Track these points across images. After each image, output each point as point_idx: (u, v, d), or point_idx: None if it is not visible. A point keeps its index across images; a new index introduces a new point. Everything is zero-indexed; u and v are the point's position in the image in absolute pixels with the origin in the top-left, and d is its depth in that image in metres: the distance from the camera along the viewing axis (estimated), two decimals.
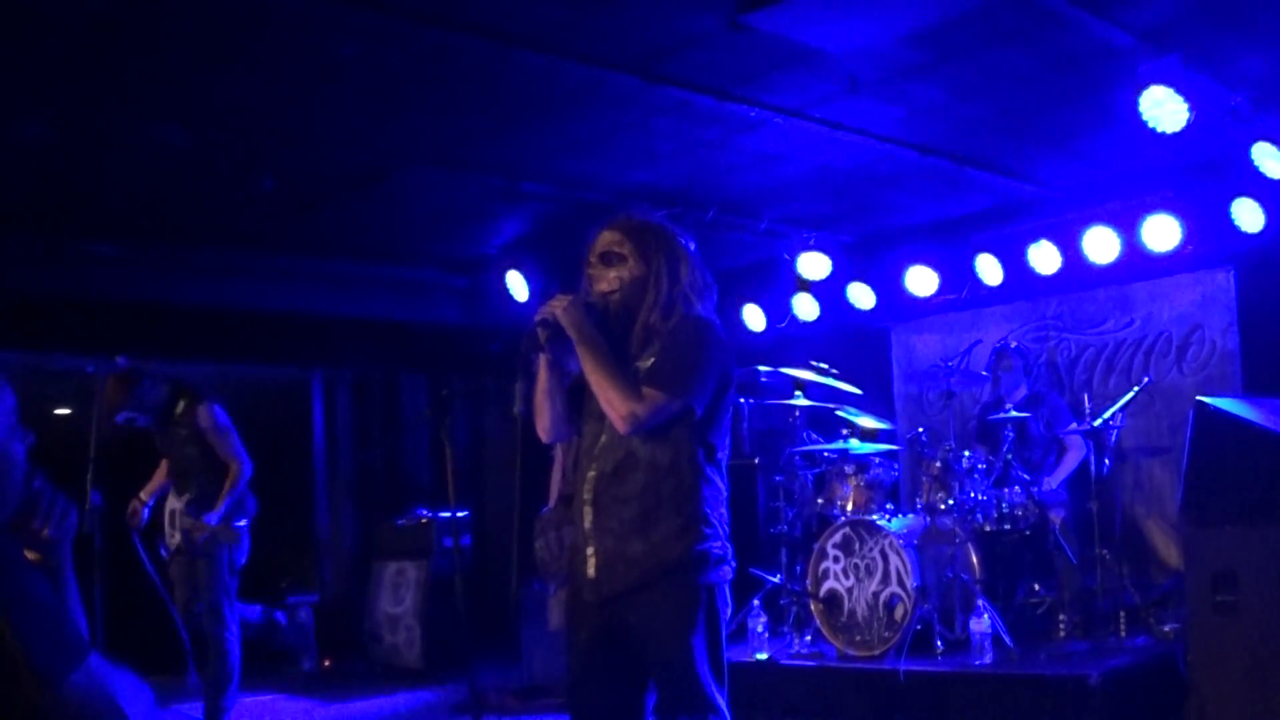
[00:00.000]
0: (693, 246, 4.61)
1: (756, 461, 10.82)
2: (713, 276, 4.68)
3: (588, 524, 4.43)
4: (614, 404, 4.31)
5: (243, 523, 8.59)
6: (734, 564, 4.46)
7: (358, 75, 7.27)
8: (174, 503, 8.60)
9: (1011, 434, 9.02)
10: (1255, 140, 8.26)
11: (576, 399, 4.57)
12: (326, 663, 12.20)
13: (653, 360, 4.39)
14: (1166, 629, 8.37)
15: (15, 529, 2.91)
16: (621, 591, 4.33)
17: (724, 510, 4.46)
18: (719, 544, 4.36)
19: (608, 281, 4.51)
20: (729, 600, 4.42)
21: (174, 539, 8.55)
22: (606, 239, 4.56)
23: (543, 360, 4.53)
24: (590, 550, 4.41)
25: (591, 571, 4.41)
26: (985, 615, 7.90)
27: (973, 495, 8.73)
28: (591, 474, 4.45)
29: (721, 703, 4.31)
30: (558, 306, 4.40)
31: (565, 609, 4.66)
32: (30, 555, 2.88)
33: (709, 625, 4.29)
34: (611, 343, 4.45)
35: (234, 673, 8.46)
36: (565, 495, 4.86)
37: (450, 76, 7.33)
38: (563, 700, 6.88)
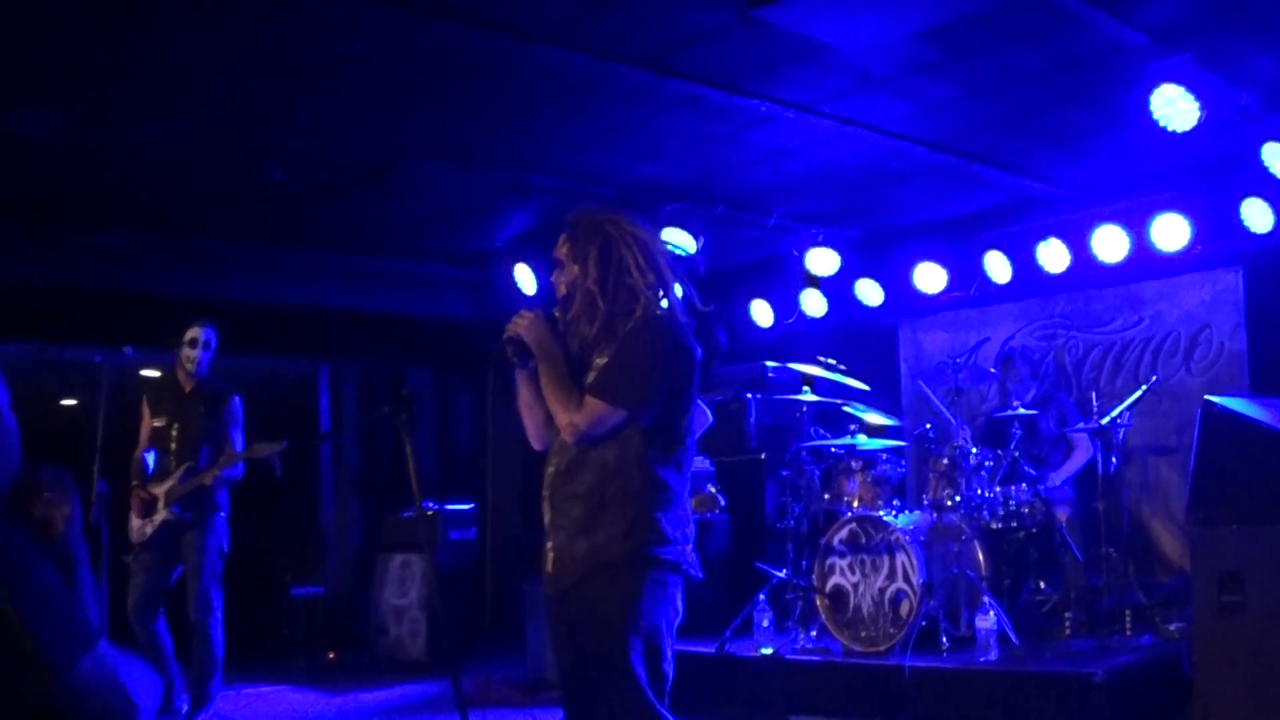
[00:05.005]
0: (642, 231, 4.56)
1: (763, 457, 10.82)
2: (674, 257, 4.64)
3: (546, 520, 4.48)
4: (558, 416, 4.41)
5: (222, 514, 8.69)
6: (691, 567, 4.41)
7: (367, 68, 7.27)
8: (157, 488, 8.61)
9: (1019, 431, 9.01)
10: (1265, 140, 8.26)
11: None
12: (331, 655, 12.22)
13: (605, 361, 4.40)
14: (1172, 628, 8.38)
15: (18, 509, 2.91)
16: (568, 588, 4.38)
17: (680, 511, 4.41)
18: (668, 547, 4.32)
19: (562, 287, 4.57)
20: (676, 606, 4.38)
21: (157, 518, 8.53)
22: (558, 243, 4.60)
23: (519, 376, 4.60)
24: (549, 545, 4.46)
25: (549, 567, 4.47)
26: (991, 612, 7.90)
27: (979, 492, 8.73)
28: (549, 470, 4.51)
29: (651, 705, 4.26)
30: (522, 323, 4.47)
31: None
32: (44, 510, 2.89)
33: (643, 618, 4.27)
34: (577, 348, 4.51)
35: (219, 660, 8.53)
36: None
37: (460, 70, 7.33)
38: None
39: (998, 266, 10.40)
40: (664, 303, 4.50)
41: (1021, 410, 9.27)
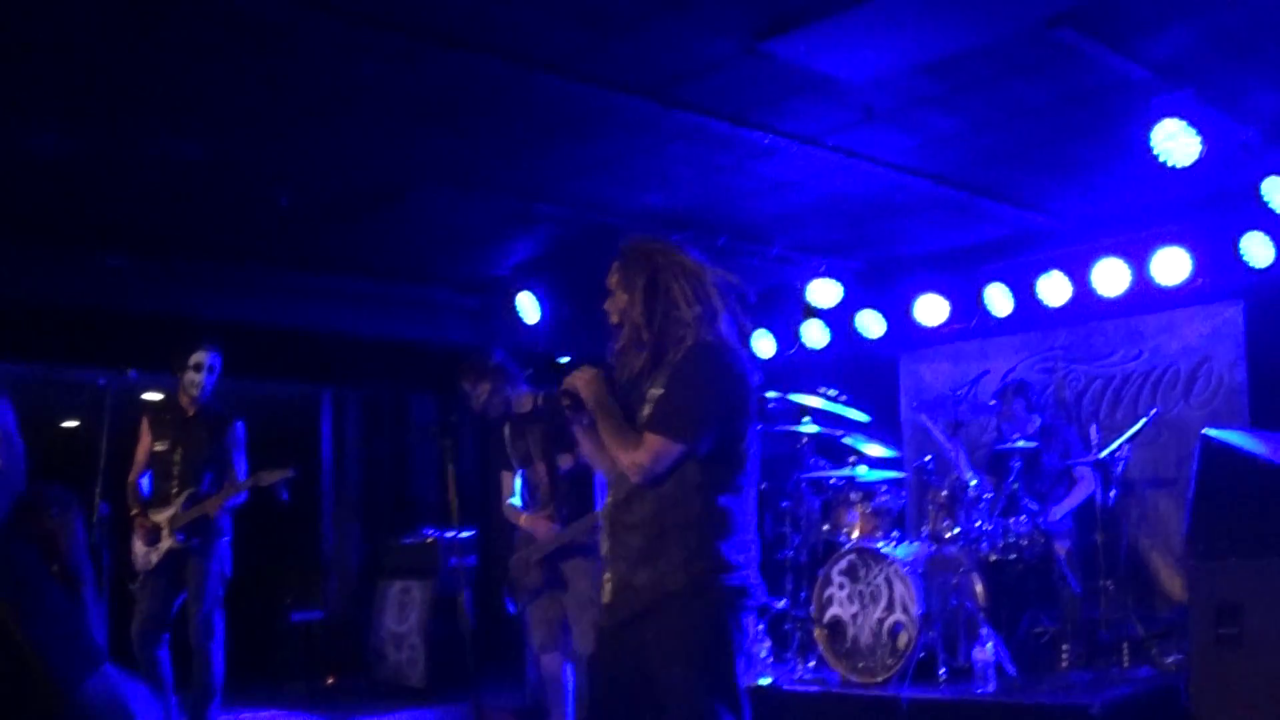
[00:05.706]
0: (691, 260, 4.56)
1: (763, 487, 10.75)
2: (726, 285, 4.62)
3: (605, 550, 4.49)
4: (621, 459, 4.40)
5: (226, 539, 8.71)
6: (757, 592, 4.43)
7: (376, 94, 7.29)
8: (160, 514, 8.63)
9: (1018, 464, 9.01)
10: (1266, 175, 8.29)
11: None
12: (330, 680, 12.20)
13: (659, 393, 4.41)
14: (1169, 661, 8.38)
15: (24, 527, 2.93)
16: (629, 618, 4.37)
17: (744, 537, 4.43)
18: (732, 574, 4.33)
19: (613, 315, 4.59)
20: (747, 629, 4.39)
21: (162, 546, 8.54)
22: (610, 272, 4.62)
23: (577, 430, 4.62)
24: (607, 576, 4.47)
25: (607, 597, 4.47)
26: (989, 644, 7.90)
27: (978, 524, 8.74)
28: (609, 502, 4.53)
29: None
30: (580, 379, 4.49)
31: (595, 631, 4.71)
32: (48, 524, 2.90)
33: (717, 654, 4.27)
34: (628, 379, 4.52)
35: (219, 686, 8.53)
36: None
37: (467, 97, 7.35)
38: None
39: (999, 299, 10.42)
40: (715, 331, 4.50)
41: (1022, 443, 9.27)
